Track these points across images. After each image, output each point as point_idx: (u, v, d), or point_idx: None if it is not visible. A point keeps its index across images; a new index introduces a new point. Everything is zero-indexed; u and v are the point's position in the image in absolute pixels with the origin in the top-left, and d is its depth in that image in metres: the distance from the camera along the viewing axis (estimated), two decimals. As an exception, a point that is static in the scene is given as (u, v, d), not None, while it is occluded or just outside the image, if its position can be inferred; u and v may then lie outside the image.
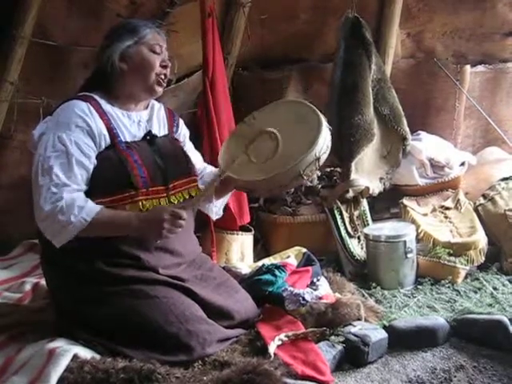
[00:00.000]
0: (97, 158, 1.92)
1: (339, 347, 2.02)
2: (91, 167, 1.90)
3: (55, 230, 1.82)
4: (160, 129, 2.13)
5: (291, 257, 2.58)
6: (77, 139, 1.88)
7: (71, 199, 1.81)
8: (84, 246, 1.84)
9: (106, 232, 1.88)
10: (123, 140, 1.98)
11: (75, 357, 1.78)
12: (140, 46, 2.01)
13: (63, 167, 1.84)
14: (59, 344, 1.84)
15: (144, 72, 2.01)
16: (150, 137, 2.05)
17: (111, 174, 1.91)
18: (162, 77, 2.05)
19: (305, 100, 2.25)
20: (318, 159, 1.99)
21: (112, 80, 2.02)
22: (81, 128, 1.90)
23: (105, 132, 1.94)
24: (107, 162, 1.92)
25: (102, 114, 1.96)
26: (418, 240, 2.77)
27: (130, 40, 2.00)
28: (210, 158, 2.42)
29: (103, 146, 1.94)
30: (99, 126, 1.93)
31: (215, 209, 2.30)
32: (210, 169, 2.31)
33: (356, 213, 2.96)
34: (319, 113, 2.08)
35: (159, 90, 2.06)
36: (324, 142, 2.01)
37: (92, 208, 1.83)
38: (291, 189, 2.72)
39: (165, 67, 2.05)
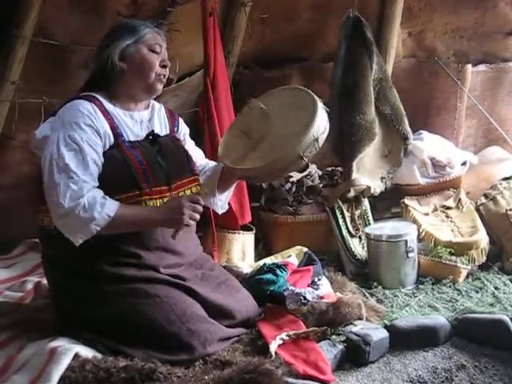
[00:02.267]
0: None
1: (340, 346, 2.02)
2: (101, 165, 1.90)
3: (76, 228, 1.81)
4: (162, 128, 2.13)
5: (292, 256, 2.58)
6: (87, 138, 1.88)
7: (93, 196, 1.80)
8: (86, 245, 1.84)
9: (128, 228, 1.88)
10: (127, 139, 1.98)
11: (76, 356, 1.78)
12: (139, 45, 2.01)
13: (79, 165, 1.84)
14: (60, 343, 1.84)
15: (143, 71, 2.01)
16: (152, 136, 2.05)
17: (115, 174, 1.91)
18: (162, 76, 2.05)
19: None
20: (317, 140, 2.00)
21: (112, 80, 2.02)
22: (89, 127, 1.90)
23: (109, 131, 1.94)
24: (111, 161, 1.92)
25: (106, 114, 1.96)
26: (419, 239, 2.76)
27: (129, 39, 2.00)
28: (212, 158, 2.42)
29: (107, 146, 1.94)
30: (103, 125, 1.93)
31: (220, 203, 2.30)
32: (213, 164, 2.31)
33: (357, 212, 2.96)
34: (314, 95, 2.09)
35: (159, 89, 2.07)
36: (321, 123, 2.01)
37: (113, 204, 1.83)
38: (291, 172, 2.70)
39: (164, 67, 2.05)
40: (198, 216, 1.90)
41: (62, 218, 1.81)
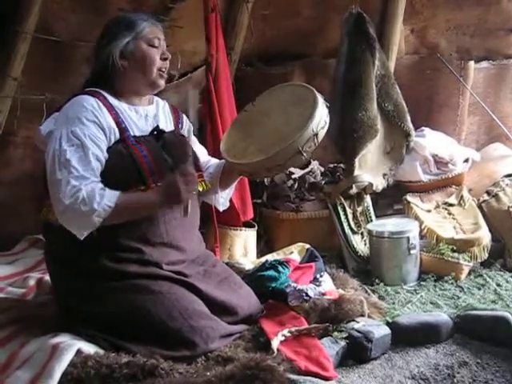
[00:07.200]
0: (107, 152, 1.92)
1: (342, 343, 2.02)
2: (104, 161, 1.90)
3: (78, 221, 1.81)
4: (167, 124, 2.13)
5: (294, 253, 2.57)
6: (90, 133, 1.88)
7: (91, 189, 1.80)
8: (88, 241, 1.84)
9: (130, 215, 1.88)
10: (132, 134, 1.98)
11: (79, 352, 1.78)
12: (139, 41, 2.00)
13: (81, 161, 1.84)
14: (63, 339, 1.84)
15: (145, 67, 2.01)
16: (157, 131, 2.05)
17: (121, 169, 1.91)
18: (163, 70, 2.05)
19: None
20: (316, 135, 2.00)
21: (114, 77, 2.02)
22: (92, 122, 1.90)
23: (114, 126, 1.94)
24: (117, 156, 1.92)
25: (110, 109, 1.96)
26: (421, 236, 2.76)
27: (128, 36, 1.99)
28: (214, 154, 2.42)
29: (112, 141, 1.94)
30: (108, 120, 1.93)
31: (221, 200, 2.30)
32: (215, 161, 2.31)
33: (359, 209, 2.96)
34: (315, 90, 2.10)
35: (161, 83, 2.07)
36: (321, 118, 2.02)
37: (112, 193, 1.83)
38: (291, 167, 2.71)
39: (165, 60, 2.05)
40: (195, 187, 1.90)
41: (64, 213, 1.81)
